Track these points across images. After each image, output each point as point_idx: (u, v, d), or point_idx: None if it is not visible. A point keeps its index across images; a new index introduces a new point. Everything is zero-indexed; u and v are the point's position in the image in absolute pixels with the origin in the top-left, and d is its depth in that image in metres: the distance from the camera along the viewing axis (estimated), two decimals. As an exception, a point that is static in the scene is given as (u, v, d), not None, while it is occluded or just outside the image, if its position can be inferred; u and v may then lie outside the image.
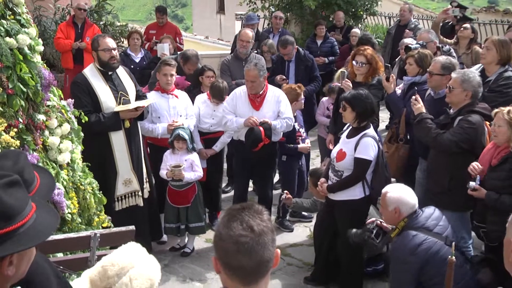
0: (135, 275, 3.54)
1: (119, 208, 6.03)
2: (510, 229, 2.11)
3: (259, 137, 6.36)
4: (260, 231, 2.10)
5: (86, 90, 5.82)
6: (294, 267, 6.39)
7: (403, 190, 4.66)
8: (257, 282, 2.15)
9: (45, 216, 2.31)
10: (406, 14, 11.43)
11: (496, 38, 6.39)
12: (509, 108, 4.90)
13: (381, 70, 6.81)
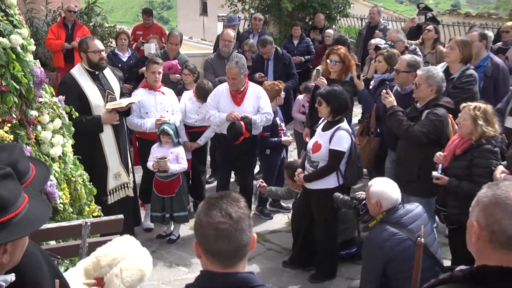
0: (125, 266, 3.51)
1: (111, 201, 5.99)
2: (473, 213, 2.12)
3: (240, 131, 6.38)
4: (238, 218, 2.11)
5: (74, 90, 5.72)
6: (273, 252, 6.40)
7: (386, 185, 4.63)
8: (236, 264, 2.16)
9: (37, 207, 2.30)
10: (375, 16, 11.47)
11: (459, 39, 6.43)
12: (475, 104, 4.92)
13: (354, 68, 6.83)
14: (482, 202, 2.08)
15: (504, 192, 2.05)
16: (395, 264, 4.30)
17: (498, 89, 6.59)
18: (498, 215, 2.02)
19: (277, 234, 6.83)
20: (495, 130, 4.84)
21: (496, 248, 2.04)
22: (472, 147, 4.86)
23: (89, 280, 3.45)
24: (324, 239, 5.67)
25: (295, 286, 5.67)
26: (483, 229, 2.05)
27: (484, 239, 2.06)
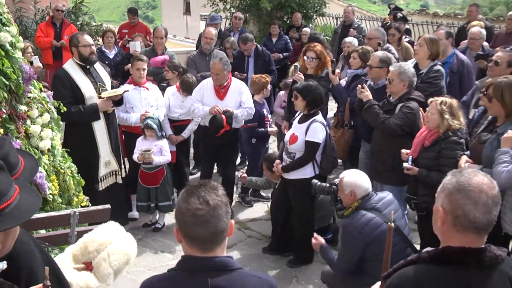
0: (112, 251, 3.52)
1: (102, 187, 6.04)
2: (438, 199, 2.16)
3: (221, 124, 6.39)
4: (214, 205, 2.12)
5: (67, 83, 5.76)
6: (253, 239, 6.40)
7: (358, 175, 4.66)
8: (214, 249, 2.17)
9: (27, 197, 2.28)
10: (350, 15, 11.50)
11: (427, 37, 6.47)
12: (442, 99, 4.96)
13: (329, 64, 6.84)
14: (447, 188, 2.12)
15: (467, 179, 2.09)
16: (373, 247, 4.32)
17: (463, 84, 6.66)
18: (461, 201, 2.06)
19: (257, 222, 6.83)
20: (460, 123, 4.90)
21: (459, 231, 2.09)
22: (439, 139, 4.90)
23: (78, 265, 3.45)
24: (301, 226, 5.68)
25: (274, 271, 5.67)
26: (448, 213, 2.09)
27: (448, 223, 2.10)
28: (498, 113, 4.58)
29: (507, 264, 2.13)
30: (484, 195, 2.07)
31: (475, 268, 2.05)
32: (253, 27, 13.50)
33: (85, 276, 3.42)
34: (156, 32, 8.67)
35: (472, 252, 2.05)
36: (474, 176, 2.11)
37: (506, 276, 2.09)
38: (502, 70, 5.62)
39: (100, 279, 3.45)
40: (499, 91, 4.46)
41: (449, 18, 17.33)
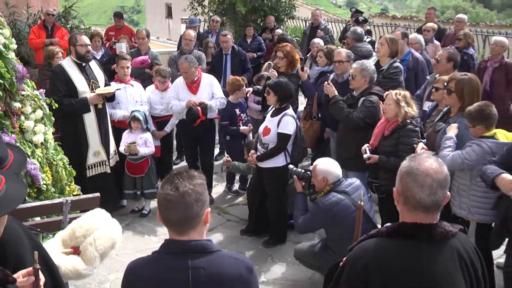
0: (98, 236, 3.50)
1: (90, 174, 6.01)
2: (397, 182, 2.21)
3: (197, 115, 6.43)
4: (184, 192, 2.09)
5: (63, 78, 5.80)
6: (232, 223, 6.38)
7: (330, 163, 4.69)
8: (187, 233, 2.15)
9: (14, 186, 2.23)
10: (317, 18, 11.49)
11: (388, 36, 6.51)
12: (396, 91, 5.06)
13: (299, 62, 6.83)
14: (400, 172, 2.19)
15: (417, 164, 2.14)
16: (341, 226, 4.35)
17: (418, 79, 6.73)
18: (410, 184, 2.12)
19: (235, 207, 6.81)
20: (414, 111, 5.00)
21: (409, 210, 2.16)
22: (398, 128, 4.97)
23: (67, 249, 3.43)
24: (275, 210, 5.68)
25: (251, 251, 5.67)
26: (400, 194, 2.17)
27: (401, 202, 2.18)
28: (453, 105, 4.64)
29: (458, 239, 2.18)
30: (429, 179, 2.11)
31: (425, 241, 2.10)
32: (229, 29, 13.39)
33: (72, 259, 3.40)
34: (138, 33, 8.62)
35: (423, 227, 2.10)
36: (424, 162, 2.15)
37: (455, 249, 2.14)
38: (444, 65, 5.78)
39: (87, 262, 3.44)
40: (460, 86, 4.52)
41: (406, 20, 17.48)
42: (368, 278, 2.10)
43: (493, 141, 4.10)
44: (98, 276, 5.07)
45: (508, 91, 7.45)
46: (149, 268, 2.16)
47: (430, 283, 2.06)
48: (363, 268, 2.12)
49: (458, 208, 4.34)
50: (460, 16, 10.54)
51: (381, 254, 2.12)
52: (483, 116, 4.16)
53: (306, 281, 5.01)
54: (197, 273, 2.09)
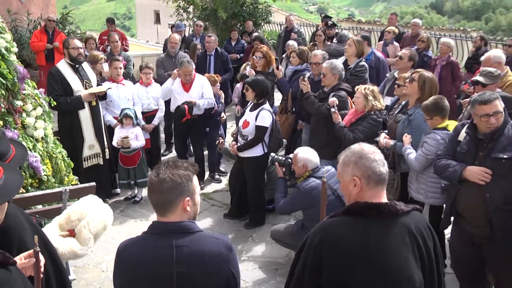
0: (91, 219, 3.51)
1: (86, 166, 5.97)
2: (346, 174, 2.24)
3: (183, 113, 6.41)
4: (162, 179, 2.10)
5: (58, 78, 5.73)
6: (216, 207, 6.35)
7: (309, 152, 4.71)
8: (166, 215, 2.15)
9: (12, 176, 2.20)
10: (291, 22, 11.49)
11: (355, 38, 6.53)
12: (365, 86, 5.16)
13: (274, 62, 6.83)
14: (352, 161, 2.19)
15: (359, 149, 2.20)
16: (317, 208, 4.31)
17: (379, 76, 6.78)
18: (367, 163, 2.15)
19: (219, 193, 6.78)
20: (381, 105, 5.09)
21: (372, 187, 2.16)
22: (364, 116, 5.07)
23: (63, 232, 3.43)
24: (254, 195, 5.68)
25: (233, 232, 5.65)
26: (361, 177, 2.15)
27: (362, 186, 2.16)
28: (412, 94, 4.67)
29: (411, 218, 2.17)
30: (376, 154, 2.19)
31: (375, 218, 2.10)
32: (211, 33, 13.35)
33: (69, 241, 3.42)
34: (111, 37, 8.54)
35: (373, 205, 2.12)
36: (362, 146, 2.22)
37: (406, 227, 2.13)
38: (405, 63, 5.86)
39: (82, 243, 3.46)
40: (423, 78, 4.59)
41: (370, 24, 17.57)
42: (322, 253, 2.09)
43: (445, 132, 4.14)
44: (95, 257, 5.04)
45: (454, 86, 7.66)
46: (137, 247, 2.15)
47: (378, 256, 2.05)
48: (318, 243, 2.12)
49: (416, 192, 4.38)
50: (415, 20, 10.66)
51: (334, 231, 2.13)
52: (438, 108, 4.20)
53: (283, 258, 5.03)
54: (180, 251, 2.09)
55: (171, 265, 2.07)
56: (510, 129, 3.50)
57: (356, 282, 2.04)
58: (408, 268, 2.08)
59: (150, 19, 27.48)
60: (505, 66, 5.71)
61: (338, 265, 2.06)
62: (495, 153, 3.47)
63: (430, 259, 2.19)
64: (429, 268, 2.17)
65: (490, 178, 3.47)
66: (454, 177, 3.67)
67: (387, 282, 2.04)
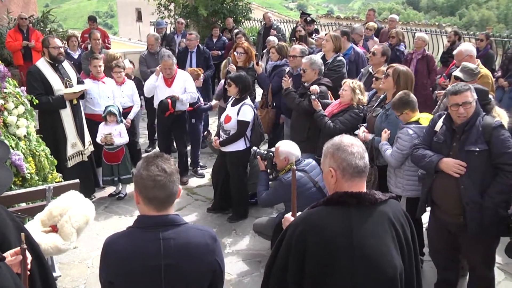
0: (73, 214, 3.49)
1: (70, 165, 5.87)
2: (325, 165, 2.26)
3: (166, 107, 6.36)
4: (170, 172, 2.12)
5: (38, 77, 5.60)
6: (199, 202, 6.33)
7: (291, 145, 4.72)
8: (167, 208, 2.16)
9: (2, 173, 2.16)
10: (269, 20, 11.50)
11: (332, 34, 6.56)
12: (353, 80, 5.24)
13: (254, 57, 6.83)
14: (329, 152, 2.22)
15: (339, 141, 2.21)
16: (299, 200, 4.33)
17: (358, 71, 6.80)
18: (343, 155, 2.16)
19: (202, 188, 6.76)
20: (365, 100, 5.14)
21: (347, 179, 2.17)
22: (347, 108, 5.12)
23: (46, 228, 3.40)
24: (237, 189, 5.68)
25: (217, 226, 5.65)
26: (337, 169, 2.17)
27: (339, 177, 2.18)
28: (388, 89, 4.71)
29: (389, 206, 2.20)
30: (355, 147, 2.19)
31: (355, 207, 2.12)
32: (193, 30, 13.28)
33: (52, 237, 3.39)
34: (92, 35, 8.41)
35: (352, 194, 2.13)
36: (343, 138, 2.23)
37: (385, 215, 2.16)
38: (378, 58, 5.87)
39: (64, 238, 3.44)
40: (397, 73, 4.62)
41: (348, 20, 17.69)
42: (306, 242, 2.10)
43: (417, 126, 4.18)
44: (81, 253, 4.99)
45: (429, 79, 7.78)
46: (124, 241, 2.15)
47: (360, 242, 2.07)
48: (301, 232, 2.12)
49: (394, 187, 4.41)
50: (392, 16, 10.77)
51: (317, 220, 2.14)
52: (404, 102, 4.23)
53: (267, 250, 5.03)
54: (167, 243, 2.10)
55: (159, 258, 2.08)
56: (481, 121, 3.56)
57: (340, 269, 2.06)
58: (390, 254, 2.11)
59: (132, 17, 27.23)
60: (476, 59, 5.83)
61: (322, 253, 2.07)
62: (468, 145, 3.54)
63: (409, 246, 2.22)
64: (408, 255, 2.21)
65: (464, 170, 3.53)
66: (430, 167, 3.73)
67: (371, 268, 2.07)
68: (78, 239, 3.69)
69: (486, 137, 3.48)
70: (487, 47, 8.31)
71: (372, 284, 2.07)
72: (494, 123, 3.52)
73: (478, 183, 3.52)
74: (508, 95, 7.47)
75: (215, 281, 2.22)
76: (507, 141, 3.49)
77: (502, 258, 4.41)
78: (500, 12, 68.24)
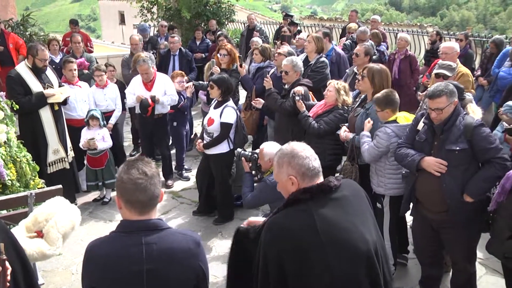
0: (59, 219, 3.46)
1: (51, 171, 5.78)
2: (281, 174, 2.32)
3: (147, 103, 6.36)
4: (151, 175, 2.11)
5: (18, 81, 5.54)
6: (185, 205, 6.31)
7: (275, 146, 4.70)
8: (149, 212, 2.14)
9: None
10: (252, 21, 11.50)
11: (315, 35, 6.59)
12: (338, 81, 5.25)
13: (238, 59, 6.83)
14: (285, 162, 2.26)
15: (290, 149, 2.27)
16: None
17: (340, 71, 6.87)
18: (299, 161, 2.22)
19: (187, 191, 6.73)
20: (350, 101, 5.16)
21: (308, 182, 2.22)
22: (331, 109, 5.14)
23: (31, 234, 3.36)
24: (222, 192, 5.67)
25: (203, 229, 5.64)
26: (296, 175, 2.23)
27: (300, 182, 2.23)
28: (366, 90, 4.75)
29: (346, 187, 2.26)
30: (307, 151, 2.26)
31: (312, 201, 2.16)
32: (176, 33, 13.24)
33: (37, 242, 3.36)
34: (73, 38, 8.32)
35: (306, 190, 2.18)
36: (291, 145, 2.29)
37: (345, 198, 2.22)
38: (362, 59, 5.89)
39: (50, 243, 3.40)
40: (371, 73, 4.64)
41: (332, 21, 17.79)
42: (278, 250, 2.12)
43: (395, 125, 4.22)
44: (65, 260, 4.94)
45: (412, 78, 7.88)
46: (106, 246, 2.14)
47: (327, 236, 2.09)
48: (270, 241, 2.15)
49: (376, 186, 4.43)
50: (374, 17, 10.86)
51: (281, 225, 2.17)
52: (389, 101, 4.26)
53: (252, 252, 5.05)
54: (150, 248, 2.08)
55: (141, 263, 2.06)
56: (462, 121, 3.62)
57: (316, 266, 2.08)
58: (359, 231, 2.15)
59: (115, 20, 27.01)
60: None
61: (295, 258, 2.09)
62: (448, 144, 3.60)
63: (373, 218, 2.32)
64: (375, 227, 2.29)
65: (445, 169, 3.59)
66: (412, 166, 3.78)
67: (343, 252, 2.09)
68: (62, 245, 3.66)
69: (467, 136, 3.55)
70: (466, 46, 8.44)
71: (349, 265, 2.09)
72: (475, 123, 3.58)
73: (459, 181, 3.59)
74: (488, 93, 7.59)
75: (199, 286, 2.21)
76: (490, 136, 3.57)
77: (483, 253, 4.47)
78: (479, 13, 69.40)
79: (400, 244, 4.64)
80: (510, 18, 62.92)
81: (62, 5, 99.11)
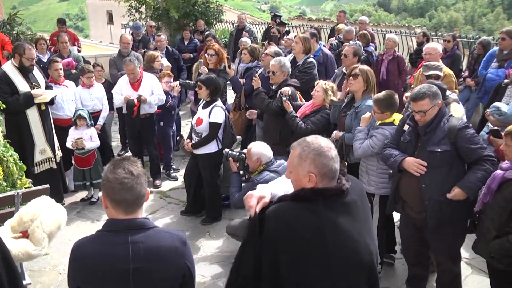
0: (44, 219, 3.44)
1: (38, 171, 5.75)
2: (302, 168, 2.20)
3: (132, 103, 6.37)
4: (137, 174, 2.11)
5: (5, 81, 5.48)
6: (173, 205, 6.30)
7: (263, 146, 4.74)
8: (136, 211, 2.15)
9: None
10: (242, 21, 11.50)
11: (302, 35, 6.60)
12: (326, 81, 5.29)
13: (226, 59, 6.83)
14: (310, 158, 2.15)
15: (318, 145, 2.17)
16: None
17: (328, 72, 6.90)
18: (324, 161, 2.14)
19: (175, 191, 6.72)
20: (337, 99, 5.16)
21: (323, 182, 2.15)
22: (318, 109, 5.18)
23: (16, 234, 3.34)
24: (210, 191, 5.67)
25: (191, 229, 5.63)
26: (317, 175, 2.14)
27: (318, 181, 2.15)
28: (358, 89, 4.75)
29: (354, 190, 2.22)
30: (333, 151, 2.18)
31: (323, 203, 2.10)
32: (164, 33, 13.19)
33: (22, 243, 3.34)
34: (60, 38, 8.25)
35: (318, 191, 2.12)
36: (319, 141, 2.18)
37: (354, 203, 2.18)
38: (351, 59, 5.87)
39: (36, 243, 3.38)
40: (364, 71, 4.70)
41: (320, 22, 17.86)
42: (278, 240, 2.08)
43: (393, 127, 4.23)
44: (52, 260, 4.92)
45: (400, 79, 7.94)
46: (92, 245, 2.13)
47: (332, 238, 2.06)
48: (273, 230, 2.10)
49: (367, 185, 4.44)
50: (362, 18, 10.93)
51: (285, 216, 2.11)
52: (391, 104, 4.26)
53: (240, 251, 5.05)
54: (136, 247, 2.09)
55: (127, 261, 2.07)
56: (446, 122, 3.66)
57: (315, 263, 2.06)
58: (364, 241, 2.13)
59: (103, 20, 26.84)
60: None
61: (295, 252, 2.06)
62: (430, 146, 3.64)
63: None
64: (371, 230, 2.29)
65: (425, 170, 3.64)
66: (394, 166, 3.86)
67: (349, 261, 2.08)
68: (49, 245, 3.63)
69: (451, 138, 3.59)
70: (454, 48, 8.52)
71: (351, 274, 2.08)
72: (459, 125, 3.62)
73: (439, 182, 3.63)
74: (476, 95, 7.66)
75: (185, 285, 2.21)
76: (474, 137, 3.61)
77: (469, 253, 4.52)
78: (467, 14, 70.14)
79: (387, 244, 4.68)
80: (498, 19, 63.68)
81: (50, 4, 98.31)
